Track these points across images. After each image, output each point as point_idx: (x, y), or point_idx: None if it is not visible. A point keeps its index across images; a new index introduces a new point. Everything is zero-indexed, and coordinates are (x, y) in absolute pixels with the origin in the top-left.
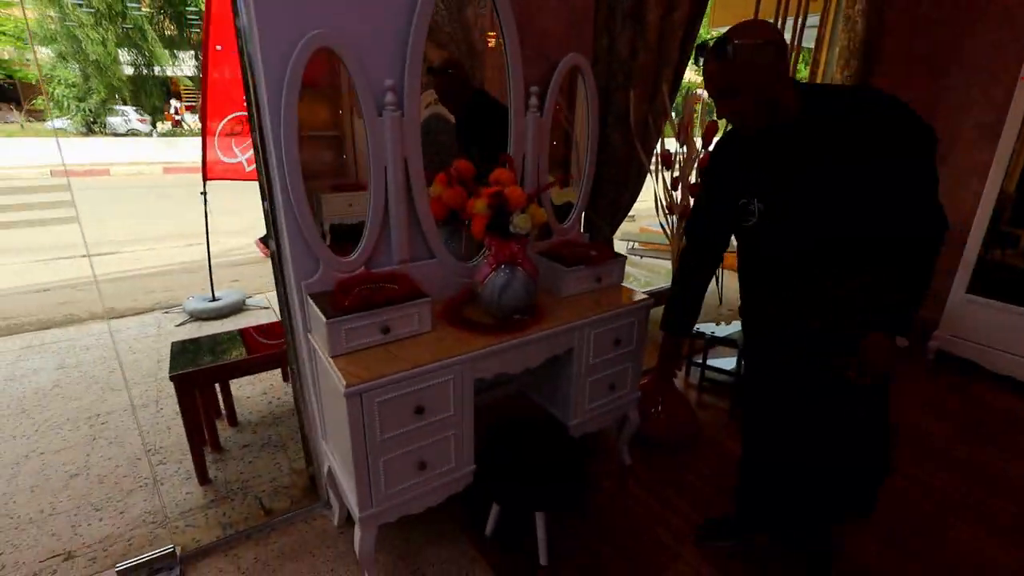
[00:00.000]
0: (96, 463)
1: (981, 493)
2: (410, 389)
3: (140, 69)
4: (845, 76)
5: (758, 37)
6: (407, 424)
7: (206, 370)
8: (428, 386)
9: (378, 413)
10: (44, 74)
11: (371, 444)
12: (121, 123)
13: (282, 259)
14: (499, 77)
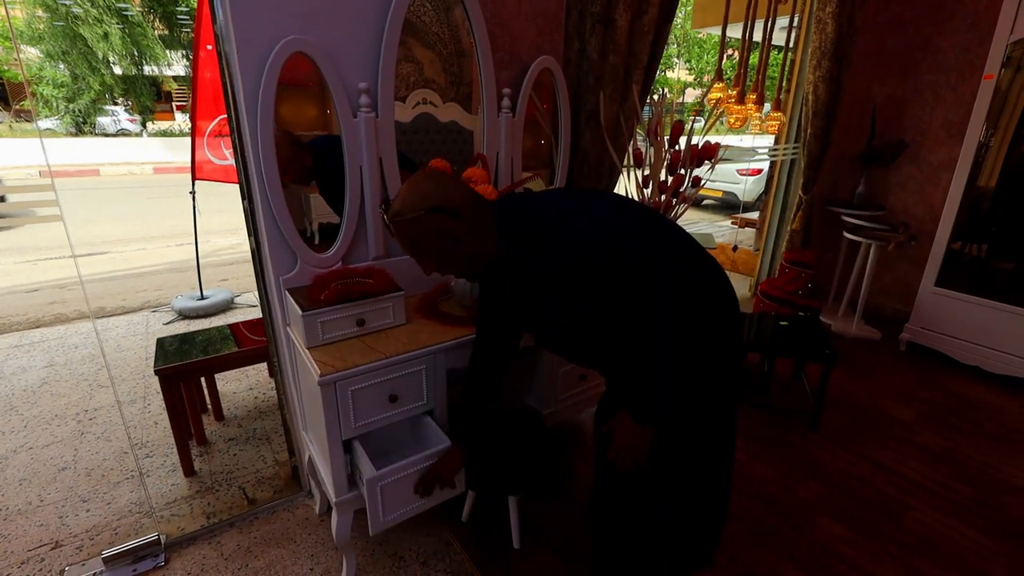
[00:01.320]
0: (84, 457)
1: (943, 477)
2: (384, 378)
3: (131, 69)
4: (817, 77)
5: (420, 205)
6: (381, 412)
7: (190, 365)
8: (401, 375)
9: (352, 401)
10: (32, 74)
11: (345, 431)
12: (111, 123)
13: (261, 255)
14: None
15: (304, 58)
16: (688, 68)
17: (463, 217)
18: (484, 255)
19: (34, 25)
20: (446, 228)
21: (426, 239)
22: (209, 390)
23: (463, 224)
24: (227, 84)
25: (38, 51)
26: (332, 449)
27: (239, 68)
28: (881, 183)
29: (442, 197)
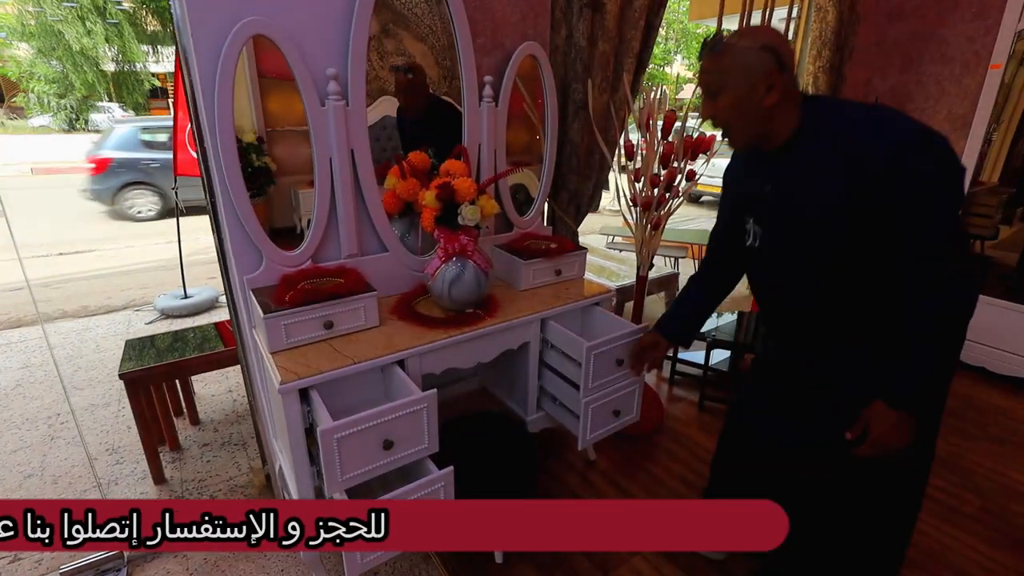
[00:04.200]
0: (52, 463)
1: (947, 484)
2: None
3: (122, 65)
4: (817, 67)
5: (755, 40)
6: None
7: (158, 368)
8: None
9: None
10: (23, 71)
11: (312, 440)
12: (105, 120)
13: (224, 253)
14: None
15: (266, 42)
16: (687, 64)
17: (786, 70)
18: (778, 123)
19: (25, 21)
20: (767, 72)
21: (740, 76)
22: (184, 393)
23: (783, 78)
24: (185, 76)
25: (30, 47)
26: (296, 460)
27: (194, 52)
28: None
29: (780, 44)
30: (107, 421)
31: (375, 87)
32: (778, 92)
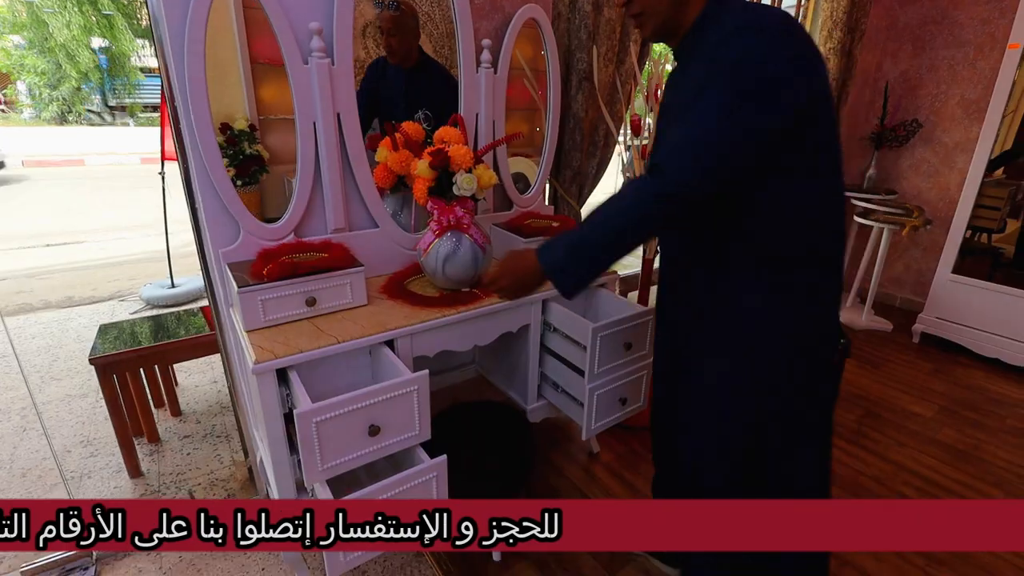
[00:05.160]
0: (22, 456)
1: (967, 478)
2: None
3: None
4: (828, 48)
5: None
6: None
7: (132, 353)
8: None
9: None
10: (14, 62)
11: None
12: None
13: (199, 223)
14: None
15: (258, 26)
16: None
17: None
18: (679, 9)
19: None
20: None
21: None
22: (165, 382)
23: None
24: (153, 30)
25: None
26: (274, 449)
27: None
28: (893, 166)
29: None
30: (83, 412)
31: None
32: None
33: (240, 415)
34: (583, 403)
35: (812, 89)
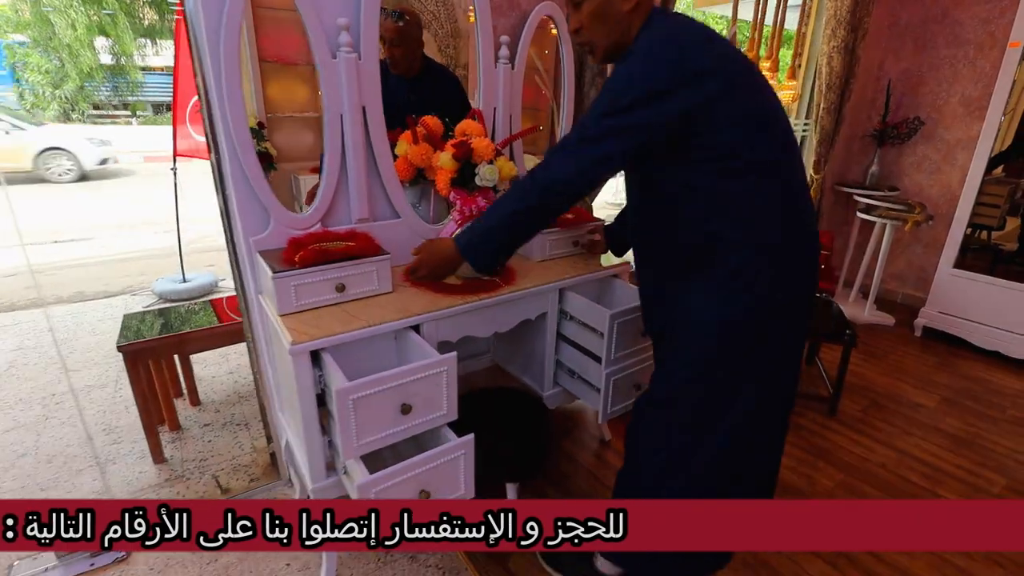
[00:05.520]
0: (46, 443)
1: (971, 464)
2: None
3: (117, 58)
4: (831, 47)
5: None
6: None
7: (160, 341)
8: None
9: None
10: (17, 60)
11: None
12: None
13: (230, 213)
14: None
15: (266, 25)
16: None
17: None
18: (624, 32)
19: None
20: None
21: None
22: (184, 372)
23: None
24: (189, 26)
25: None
26: (308, 430)
27: None
28: (895, 163)
29: None
30: (103, 402)
31: None
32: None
33: (264, 401)
34: (600, 388)
35: (693, 101)
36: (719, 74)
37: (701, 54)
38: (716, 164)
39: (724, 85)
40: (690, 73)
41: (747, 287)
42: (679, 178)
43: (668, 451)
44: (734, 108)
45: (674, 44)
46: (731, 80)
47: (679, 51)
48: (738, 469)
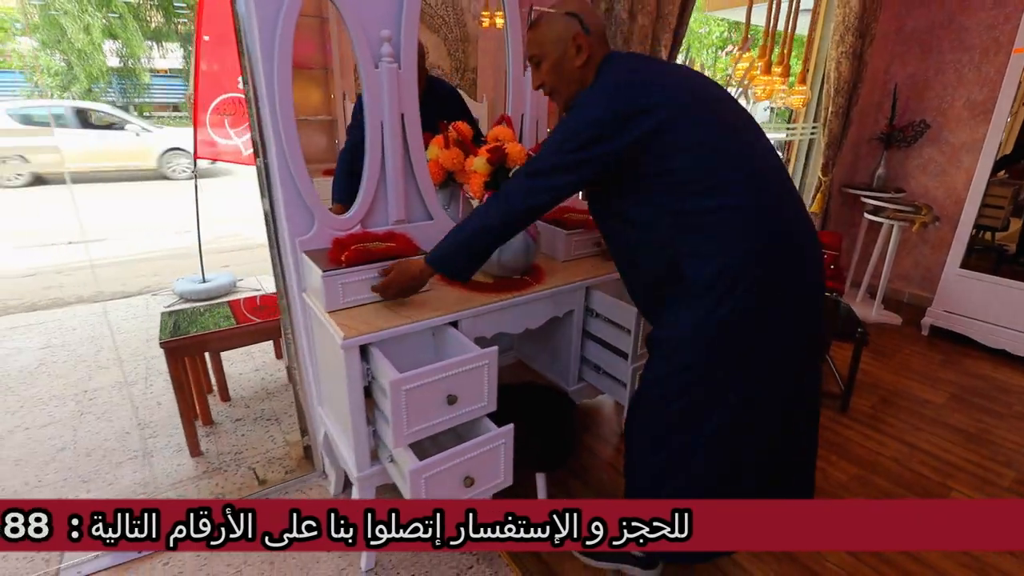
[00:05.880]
0: (83, 437)
1: (981, 459)
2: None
3: (126, 60)
4: (840, 52)
5: (561, 8)
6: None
7: (198, 337)
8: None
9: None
10: (27, 63)
11: None
12: None
13: (275, 215)
14: (492, 63)
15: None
16: (687, 62)
17: (590, 33)
18: (580, 83)
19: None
20: (574, 35)
21: (553, 42)
22: (215, 369)
23: (589, 40)
24: (239, 32)
25: (33, 40)
26: (355, 420)
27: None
28: (901, 165)
29: (582, 10)
30: (136, 398)
31: None
32: (586, 52)
33: (301, 396)
34: (626, 383)
35: (632, 137)
36: (660, 109)
37: (640, 95)
38: (674, 189)
39: (666, 118)
40: (629, 113)
41: (721, 300)
42: (640, 204)
43: (667, 452)
44: (681, 137)
45: (613, 90)
46: (675, 112)
47: (618, 96)
48: (733, 471)
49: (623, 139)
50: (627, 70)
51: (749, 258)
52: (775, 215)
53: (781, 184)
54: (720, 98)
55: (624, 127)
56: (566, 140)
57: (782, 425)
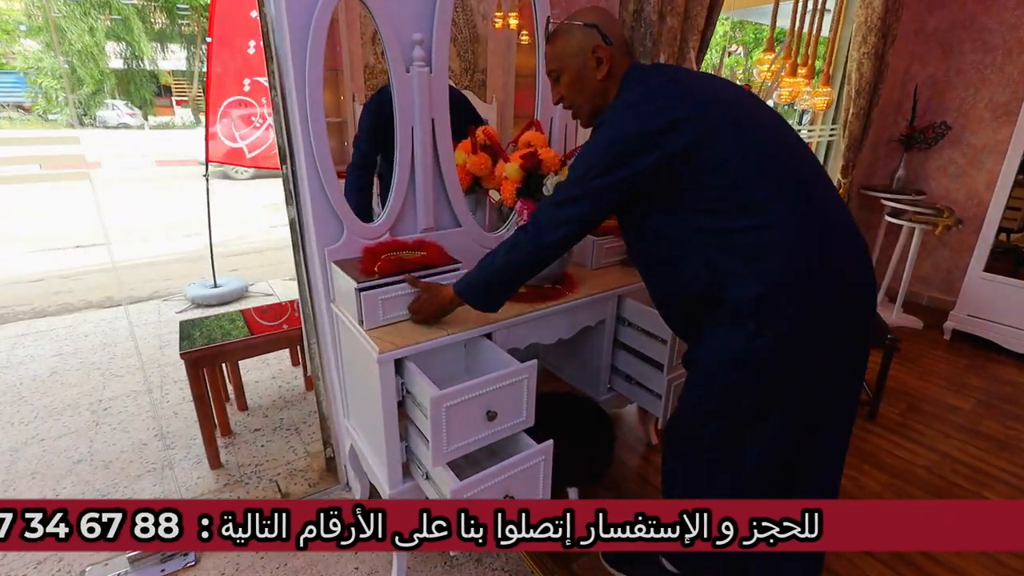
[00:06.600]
0: (100, 449)
1: (1014, 467)
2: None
3: (129, 62)
4: (862, 53)
5: (579, 19)
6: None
7: (220, 348)
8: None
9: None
10: (31, 66)
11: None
12: (112, 116)
13: (303, 224)
14: (502, 64)
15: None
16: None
17: (612, 44)
18: (603, 97)
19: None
20: (595, 47)
21: (573, 55)
22: (232, 378)
23: (609, 51)
24: (267, 35)
25: (37, 43)
26: (389, 435)
27: (285, 8)
28: (920, 167)
29: (602, 19)
30: (151, 407)
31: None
32: (607, 64)
33: (325, 407)
34: (660, 394)
35: (659, 157)
36: (691, 123)
37: (668, 108)
38: (712, 207)
39: (698, 132)
40: (658, 129)
41: (762, 326)
42: (675, 223)
43: (706, 473)
44: (715, 152)
45: (640, 104)
46: (707, 126)
47: (645, 111)
48: (772, 491)
49: (653, 156)
50: (652, 82)
51: (792, 280)
52: (819, 232)
53: (825, 197)
54: (753, 106)
55: (654, 144)
56: (593, 164)
57: (821, 450)
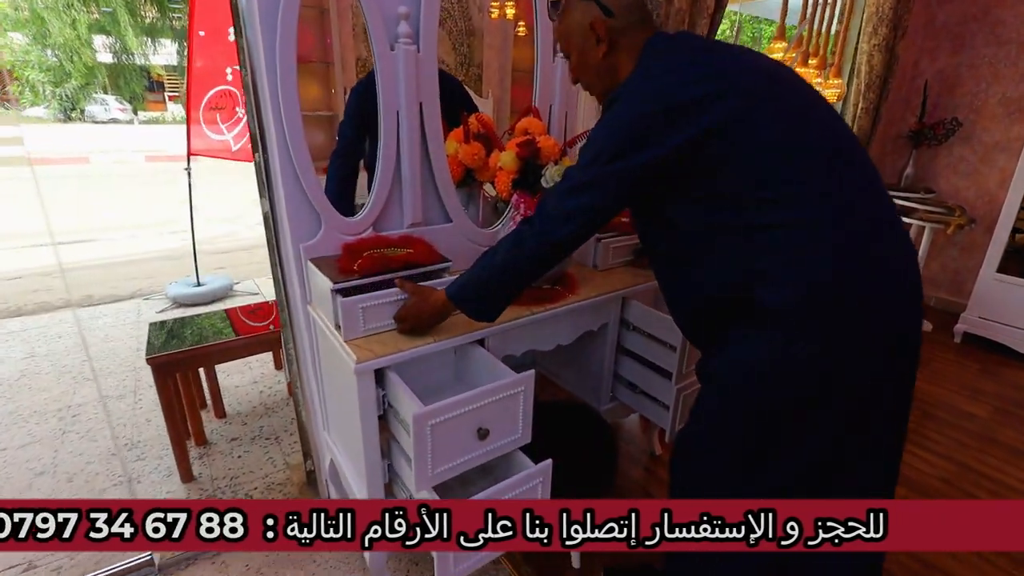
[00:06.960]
0: (65, 460)
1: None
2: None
3: (118, 56)
4: (872, 45)
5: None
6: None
7: (189, 352)
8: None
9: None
10: (18, 59)
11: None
12: (101, 111)
13: (276, 217)
14: (498, 58)
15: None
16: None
17: (614, 16)
18: (612, 75)
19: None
20: (592, 22)
21: (575, 34)
22: (209, 383)
23: (610, 23)
24: (237, 10)
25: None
26: (368, 453)
27: None
28: (930, 164)
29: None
30: (123, 414)
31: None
32: (605, 40)
33: (304, 417)
34: (668, 405)
35: (676, 142)
36: (718, 101)
37: (692, 83)
38: (741, 197)
39: (726, 111)
40: (680, 106)
41: (796, 336)
42: (697, 215)
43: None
44: (748, 135)
45: (657, 78)
46: (737, 104)
47: (663, 86)
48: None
49: (673, 139)
50: (681, 51)
51: (833, 283)
52: (865, 230)
53: (870, 188)
54: (797, 83)
55: (674, 124)
56: (604, 147)
57: (859, 474)
